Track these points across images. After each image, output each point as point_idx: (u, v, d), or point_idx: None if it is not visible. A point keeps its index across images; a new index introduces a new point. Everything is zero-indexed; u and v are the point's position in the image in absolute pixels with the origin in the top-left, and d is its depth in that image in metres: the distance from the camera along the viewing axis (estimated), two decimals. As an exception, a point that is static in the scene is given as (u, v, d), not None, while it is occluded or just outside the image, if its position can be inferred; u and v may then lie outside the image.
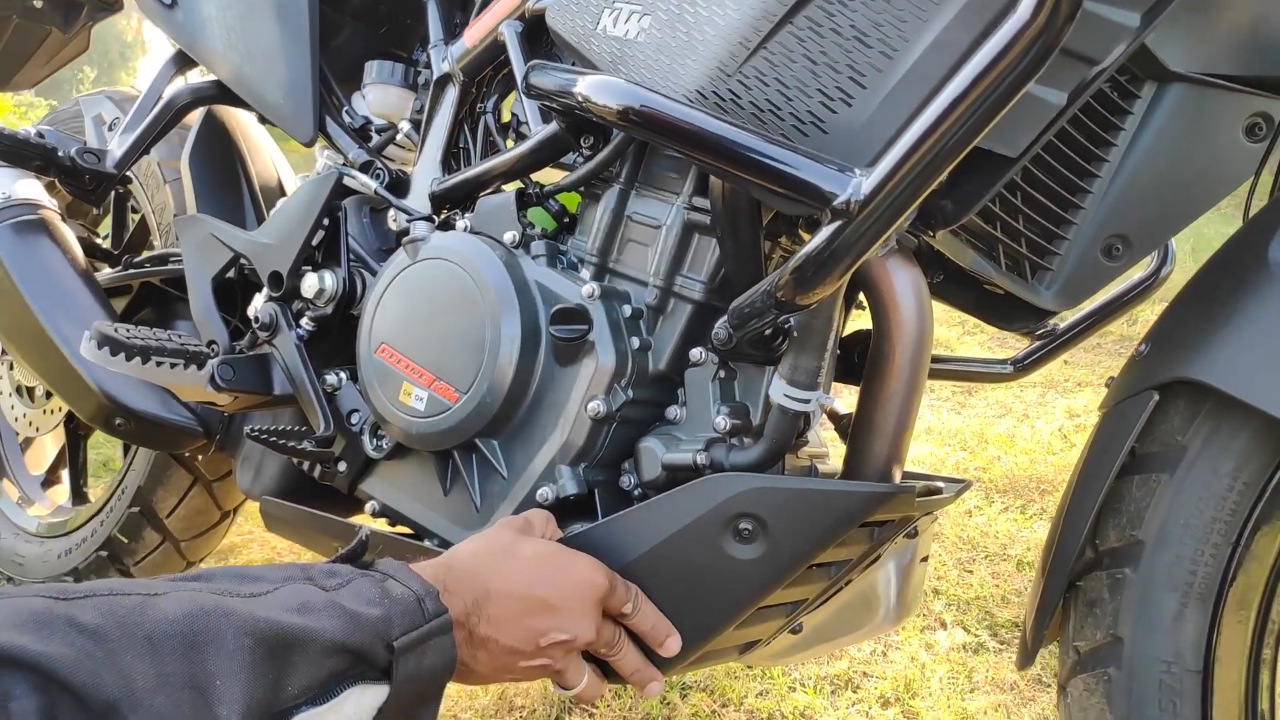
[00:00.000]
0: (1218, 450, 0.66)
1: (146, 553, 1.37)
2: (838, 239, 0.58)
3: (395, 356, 0.91)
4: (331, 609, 0.53)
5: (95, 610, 0.45)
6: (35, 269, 1.12)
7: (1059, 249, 0.87)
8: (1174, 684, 0.66)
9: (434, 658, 0.58)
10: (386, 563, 0.61)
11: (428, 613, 0.58)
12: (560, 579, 0.68)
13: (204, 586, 0.51)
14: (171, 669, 0.45)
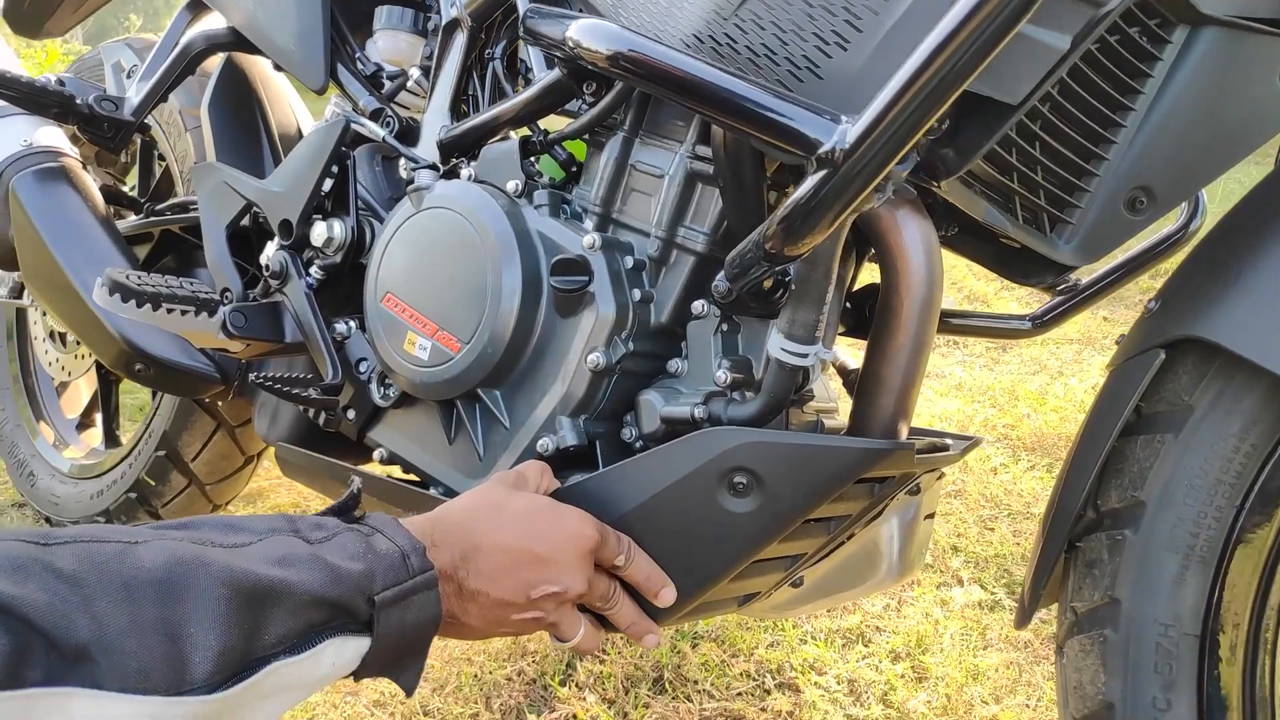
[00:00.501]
0: (1225, 411, 0.64)
1: (173, 495, 1.40)
2: (824, 188, 0.57)
3: (400, 306, 0.91)
4: (313, 562, 0.53)
5: (74, 556, 0.46)
6: (57, 216, 1.14)
7: (1079, 202, 0.85)
8: (1171, 647, 0.65)
9: (418, 612, 0.59)
10: (375, 517, 0.62)
11: (412, 568, 0.58)
12: (550, 532, 0.68)
13: (186, 536, 0.51)
14: (145, 615, 0.46)
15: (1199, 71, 0.78)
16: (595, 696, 1.18)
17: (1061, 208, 0.85)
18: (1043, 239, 0.87)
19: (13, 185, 1.15)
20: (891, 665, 1.26)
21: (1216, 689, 0.65)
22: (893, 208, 0.82)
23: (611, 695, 1.19)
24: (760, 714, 1.16)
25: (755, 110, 0.59)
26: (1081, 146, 0.82)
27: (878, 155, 0.54)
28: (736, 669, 1.24)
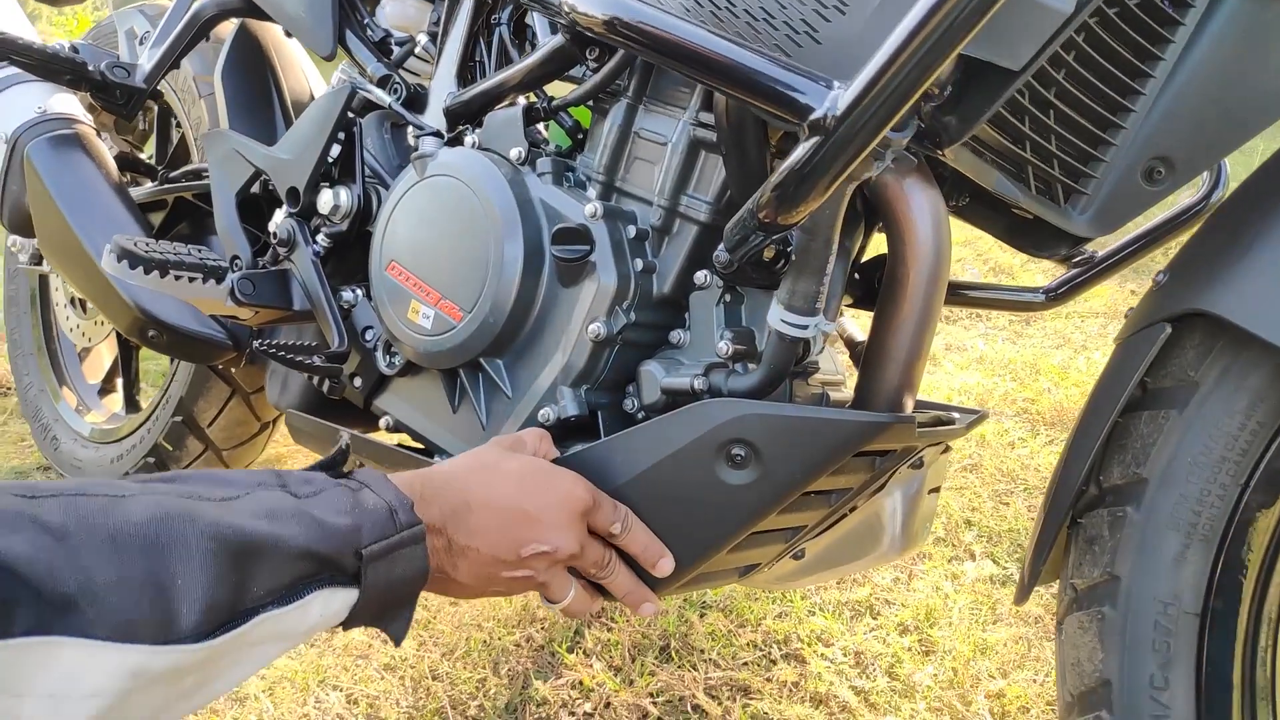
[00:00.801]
0: (1231, 387, 0.62)
1: (190, 460, 1.42)
2: (816, 155, 0.56)
3: (404, 274, 0.91)
4: (300, 516, 0.54)
5: (60, 509, 0.46)
6: (70, 183, 1.15)
7: (1095, 172, 0.83)
8: (1170, 625, 0.64)
9: (405, 565, 0.59)
10: (364, 472, 0.62)
11: (399, 523, 0.59)
12: (542, 491, 0.68)
13: (174, 490, 0.51)
14: (132, 567, 0.46)
15: (1222, 38, 0.76)
16: (602, 664, 1.19)
17: (1076, 178, 0.84)
18: (1056, 210, 0.86)
19: (27, 152, 1.16)
20: (899, 638, 1.25)
21: (1216, 668, 0.64)
22: (900, 176, 0.80)
23: (618, 663, 1.20)
24: (765, 684, 1.16)
25: (747, 75, 0.57)
26: (1099, 115, 0.80)
27: (870, 121, 0.53)
28: (743, 639, 1.25)
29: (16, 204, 1.19)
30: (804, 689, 1.16)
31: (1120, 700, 0.66)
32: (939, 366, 2.30)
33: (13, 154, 1.17)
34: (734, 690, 1.16)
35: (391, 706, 1.13)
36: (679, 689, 1.14)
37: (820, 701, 1.14)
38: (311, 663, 1.20)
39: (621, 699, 1.13)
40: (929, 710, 1.12)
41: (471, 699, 1.14)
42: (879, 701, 1.14)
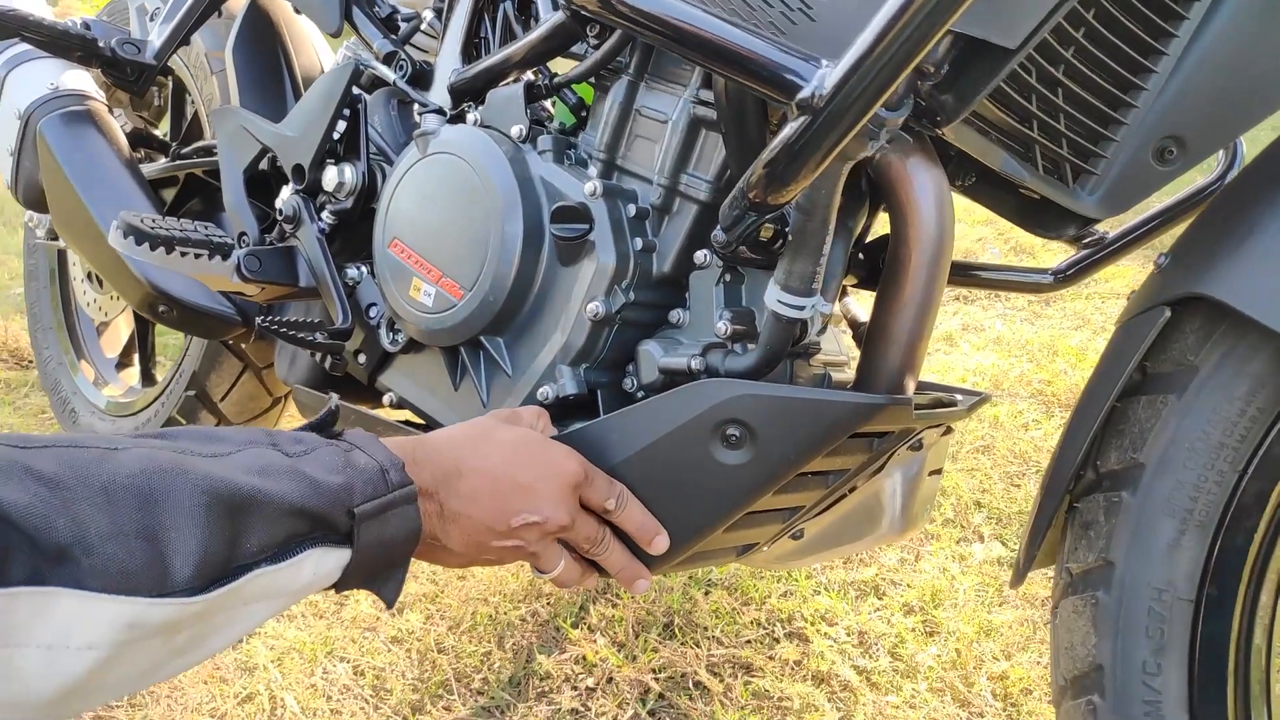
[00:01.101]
0: (1231, 373, 0.62)
1: (204, 434, 1.44)
2: (805, 134, 0.55)
3: (406, 252, 0.91)
4: (292, 474, 0.53)
5: (54, 460, 0.45)
6: (82, 159, 1.16)
7: (1105, 151, 0.81)
8: (1164, 611, 0.64)
9: (397, 526, 0.59)
10: (355, 433, 0.62)
11: (391, 483, 0.58)
12: (535, 462, 0.68)
13: (167, 445, 0.51)
14: (126, 519, 0.46)
15: (1238, 12, 0.74)
16: (605, 639, 1.20)
17: (1085, 158, 0.82)
18: (1064, 190, 0.84)
19: (40, 128, 1.17)
20: (903, 619, 1.25)
21: (1210, 655, 0.63)
22: (903, 156, 0.79)
23: (621, 639, 1.21)
24: (768, 662, 1.17)
25: (735, 53, 0.57)
26: (1109, 93, 0.78)
27: (858, 100, 0.52)
28: (747, 617, 1.25)
29: (30, 180, 1.21)
30: (806, 667, 1.16)
31: (1113, 685, 0.66)
32: (955, 347, 2.29)
33: (26, 130, 1.19)
34: (736, 667, 1.16)
35: (397, 678, 1.15)
36: (681, 665, 1.15)
37: (822, 680, 1.14)
38: (320, 634, 1.22)
39: (624, 674, 1.14)
40: (930, 691, 1.12)
41: (476, 672, 1.16)
42: (880, 681, 1.14)
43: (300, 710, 1.09)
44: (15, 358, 2.03)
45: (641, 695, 1.11)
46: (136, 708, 1.09)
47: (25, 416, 1.81)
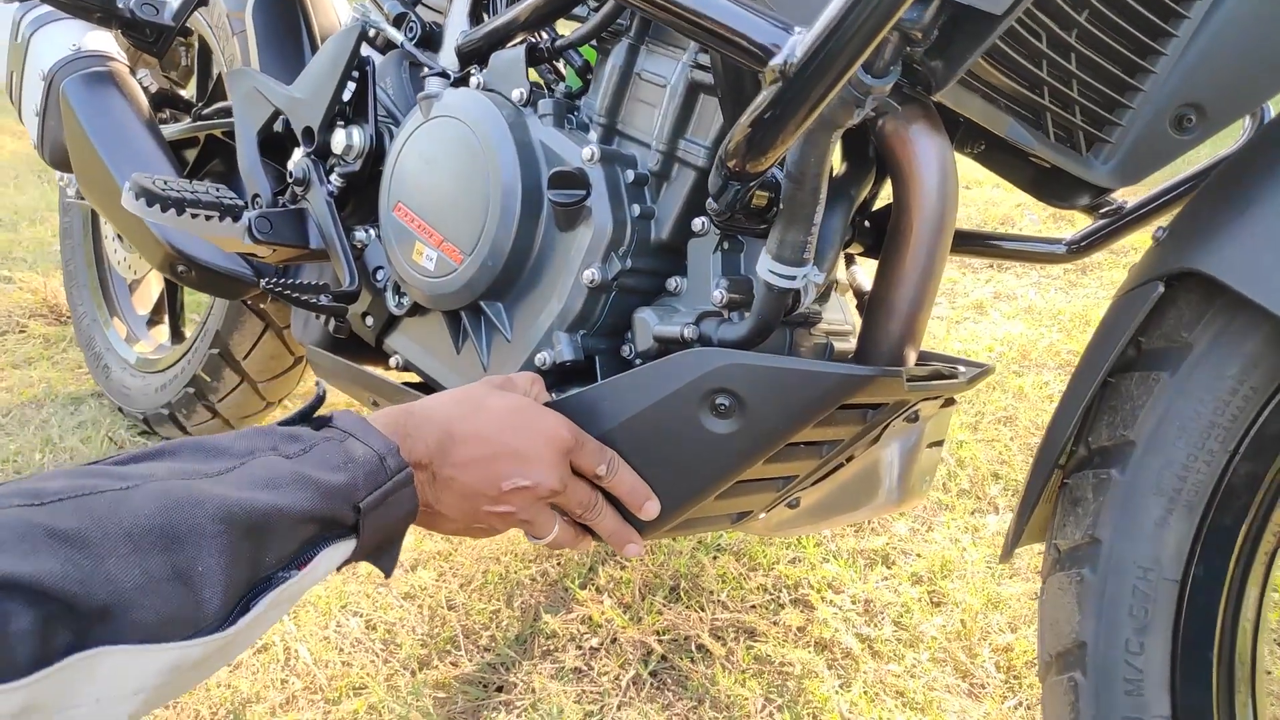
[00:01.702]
0: (1225, 351, 0.60)
1: (227, 392, 1.47)
2: (779, 102, 0.54)
3: (409, 215, 0.92)
4: (298, 481, 0.54)
5: (73, 513, 0.46)
6: (103, 119, 1.18)
7: (1120, 119, 0.79)
8: (1149, 590, 0.63)
9: (396, 508, 0.61)
10: (343, 418, 0.62)
11: (389, 470, 0.60)
12: (524, 427, 0.69)
13: (172, 470, 0.52)
14: (154, 564, 0.46)
15: (1263, -26, 0.71)
16: (612, 600, 1.22)
17: (1100, 125, 0.80)
18: (1076, 158, 0.82)
19: (63, 89, 1.19)
20: (911, 588, 1.25)
21: (1194, 636, 0.62)
22: (905, 123, 0.78)
23: (628, 600, 1.22)
24: (771, 628, 1.18)
25: (709, 19, 0.56)
26: (1126, 59, 0.76)
27: (830, 68, 0.51)
28: (753, 583, 1.26)
29: (55, 140, 1.23)
30: (809, 634, 1.17)
31: (1095, 662, 0.65)
32: (985, 315, 2.25)
33: (50, 91, 1.21)
34: (739, 632, 1.17)
35: (408, 633, 1.17)
36: (685, 628, 1.17)
37: (824, 647, 1.15)
38: (335, 589, 1.25)
39: (628, 635, 1.15)
40: (932, 661, 1.12)
41: (484, 629, 1.18)
42: (883, 650, 1.14)
43: (313, 661, 1.12)
44: (54, 314, 2.09)
45: (644, 656, 1.13)
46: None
47: (63, 371, 1.86)
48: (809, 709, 1.05)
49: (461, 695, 1.07)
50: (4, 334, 2.01)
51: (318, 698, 1.07)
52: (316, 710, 1.05)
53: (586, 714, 1.04)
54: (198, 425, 1.54)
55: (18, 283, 2.21)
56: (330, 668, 1.11)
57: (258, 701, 1.06)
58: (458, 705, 1.06)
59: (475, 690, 1.08)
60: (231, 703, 1.05)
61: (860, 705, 1.05)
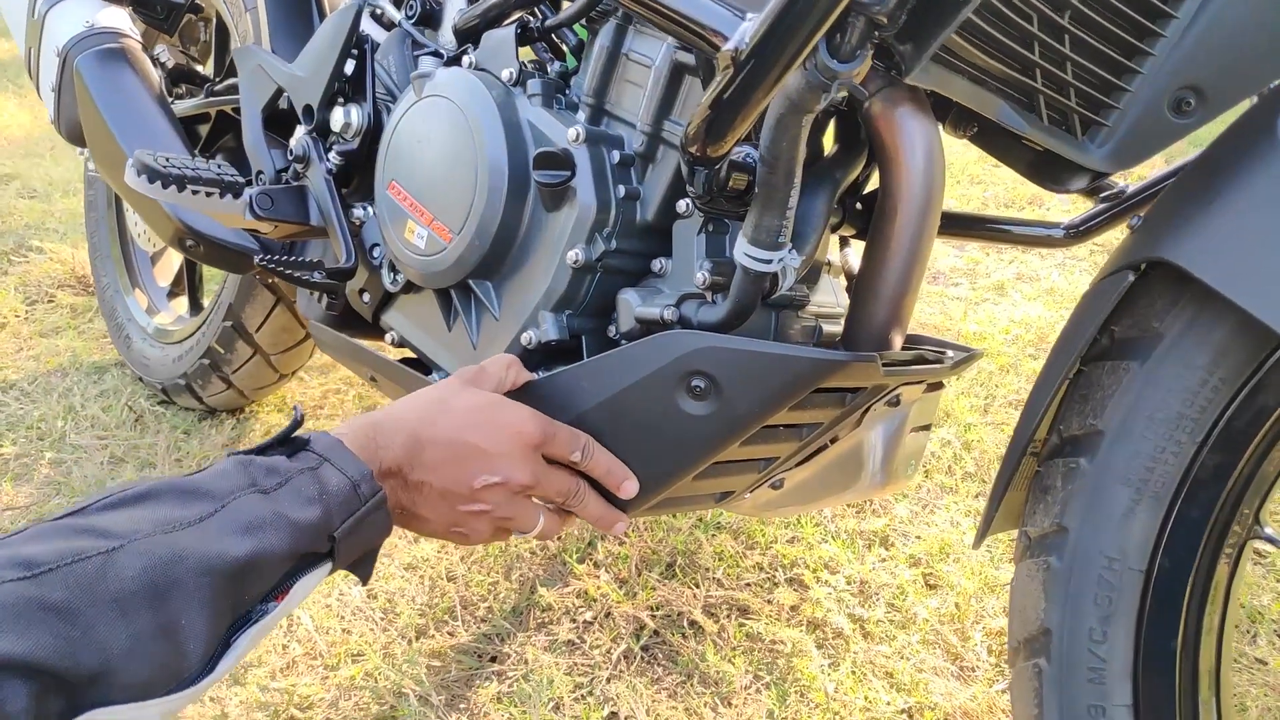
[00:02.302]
0: (1194, 342, 0.59)
1: (241, 363, 1.50)
2: (731, 87, 0.54)
3: (401, 194, 0.93)
4: (277, 522, 0.56)
5: (61, 584, 0.47)
6: (115, 95, 1.20)
7: (1117, 102, 0.78)
8: (1114, 580, 0.63)
9: (370, 530, 0.63)
10: (319, 441, 0.63)
11: (363, 496, 0.61)
12: (491, 425, 0.70)
13: (155, 521, 0.53)
14: (141, 626, 0.49)
15: (1268, -47, 0.70)
16: (609, 575, 1.23)
17: (1095, 109, 0.79)
18: (1071, 142, 0.81)
19: (76, 65, 1.21)
20: (907, 570, 1.26)
21: (1158, 626, 0.62)
22: (891, 105, 0.77)
23: (624, 575, 1.24)
24: (765, 606, 1.19)
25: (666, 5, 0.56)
26: (1124, 41, 0.75)
27: (780, 53, 0.51)
28: (750, 561, 1.27)
29: (71, 115, 1.26)
30: (802, 613, 1.18)
31: (1059, 649, 0.65)
32: (1005, 296, 2.22)
33: (64, 67, 1.23)
34: (732, 609, 1.18)
35: (407, 603, 1.20)
36: (678, 604, 1.18)
37: (816, 626, 1.16)
38: (340, 558, 1.28)
39: (622, 610, 1.17)
40: (923, 642, 1.13)
41: (482, 601, 1.20)
42: (874, 631, 1.15)
43: (314, 628, 1.15)
44: (82, 284, 2.14)
45: (636, 631, 1.14)
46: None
47: (88, 340, 1.91)
48: (796, 686, 1.06)
49: (455, 664, 1.10)
50: (33, 303, 2.06)
51: (317, 663, 1.10)
52: (315, 675, 1.08)
53: (576, 685, 1.06)
54: (213, 395, 1.57)
55: (48, 253, 2.26)
56: (330, 634, 1.14)
57: (259, 665, 1.09)
58: (451, 674, 1.08)
59: (469, 660, 1.10)
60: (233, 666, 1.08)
61: (847, 684, 1.06)
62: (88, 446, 1.52)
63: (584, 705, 1.03)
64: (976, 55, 0.75)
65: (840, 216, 0.91)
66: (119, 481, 0.55)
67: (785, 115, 0.61)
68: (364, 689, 1.06)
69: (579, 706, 1.03)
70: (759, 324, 0.85)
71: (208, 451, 1.52)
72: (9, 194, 2.84)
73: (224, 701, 1.04)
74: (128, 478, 1.43)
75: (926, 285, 2.29)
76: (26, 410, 1.62)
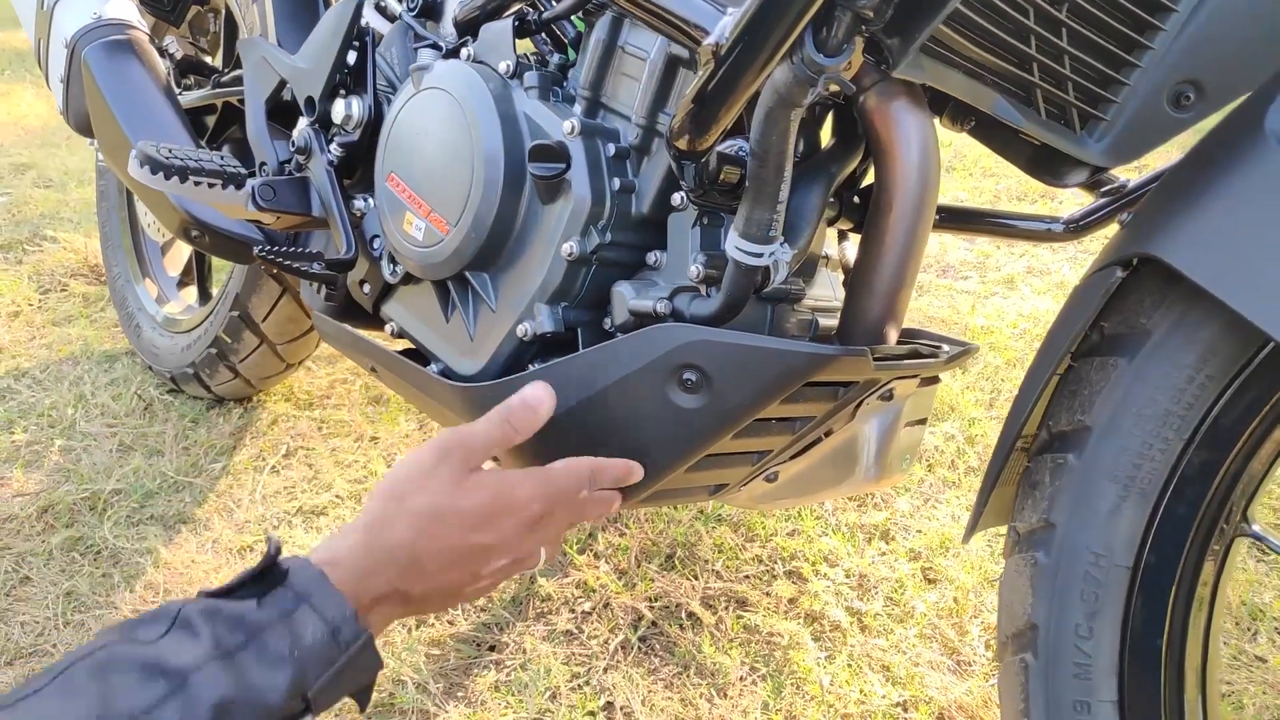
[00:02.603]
0: (1182, 339, 0.59)
1: (247, 353, 1.52)
2: (712, 82, 0.54)
3: (400, 186, 0.93)
4: (241, 702, 0.51)
5: None
6: (122, 87, 1.21)
7: (1115, 96, 0.78)
8: (1100, 576, 0.63)
9: (353, 676, 0.58)
10: (300, 574, 0.58)
11: (343, 643, 0.57)
12: (493, 522, 0.66)
13: (107, 705, 0.49)
14: None
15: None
16: (609, 566, 1.24)
17: (1094, 103, 0.79)
18: (1069, 136, 0.81)
19: (84, 56, 1.22)
20: (907, 564, 1.26)
21: (1144, 622, 0.62)
22: (887, 99, 0.77)
23: (624, 566, 1.24)
24: (763, 598, 1.19)
25: (649, 0, 0.56)
26: (1122, 35, 0.74)
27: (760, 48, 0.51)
28: (749, 553, 1.27)
29: (79, 106, 1.27)
30: (800, 606, 1.18)
31: (1045, 645, 0.66)
32: (1014, 290, 2.21)
33: (72, 58, 1.24)
34: (730, 601, 1.19)
35: (408, 591, 1.21)
36: (677, 596, 1.18)
37: (813, 619, 1.16)
38: (343, 546, 1.29)
39: (620, 601, 1.18)
40: (919, 637, 1.13)
41: (482, 590, 1.21)
42: (872, 624, 1.15)
43: (316, 615, 1.16)
44: (95, 273, 2.16)
45: (634, 622, 1.15)
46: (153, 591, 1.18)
47: (100, 329, 1.93)
48: (792, 679, 1.07)
49: (454, 653, 1.11)
50: (47, 292, 2.08)
51: (318, 650, 1.11)
52: (316, 662, 1.09)
53: (573, 675, 1.07)
54: (221, 384, 1.59)
55: (62, 243, 2.28)
56: (332, 622, 1.15)
57: (261, 651, 1.10)
58: (450, 662, 1.09)
59: (468, 649, 1.11)
60: (236, 652, 1.10)
61: (843, 677, 1.07)
62: (97, 434, 1.54)
63: (580, 695, 1.04)
64: (971, 49, 0.74)
65: (837, 210, 0.91)
66: (46, 666, 0.53)
67: (774, 109, 0.61)
68: (363, 676, 1.07)
69: (575, 696, 1.04)
70: (754, 317, 0.86)
71: (214, 440, 1.54)
72: (25, 183, 2.87)
73: (225, 687, 1.05)
74: (136, 466, 1.45)
75: (935, 279, 2.28)
76: (38, 398, 1.64)
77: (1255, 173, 0.54)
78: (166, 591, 1.20)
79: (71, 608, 1.16)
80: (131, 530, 1.31)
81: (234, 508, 1.37)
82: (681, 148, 0.62)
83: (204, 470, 1.45)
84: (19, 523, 1.31)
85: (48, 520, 1.32)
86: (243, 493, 1.40)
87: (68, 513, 1.33)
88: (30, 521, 1.31)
